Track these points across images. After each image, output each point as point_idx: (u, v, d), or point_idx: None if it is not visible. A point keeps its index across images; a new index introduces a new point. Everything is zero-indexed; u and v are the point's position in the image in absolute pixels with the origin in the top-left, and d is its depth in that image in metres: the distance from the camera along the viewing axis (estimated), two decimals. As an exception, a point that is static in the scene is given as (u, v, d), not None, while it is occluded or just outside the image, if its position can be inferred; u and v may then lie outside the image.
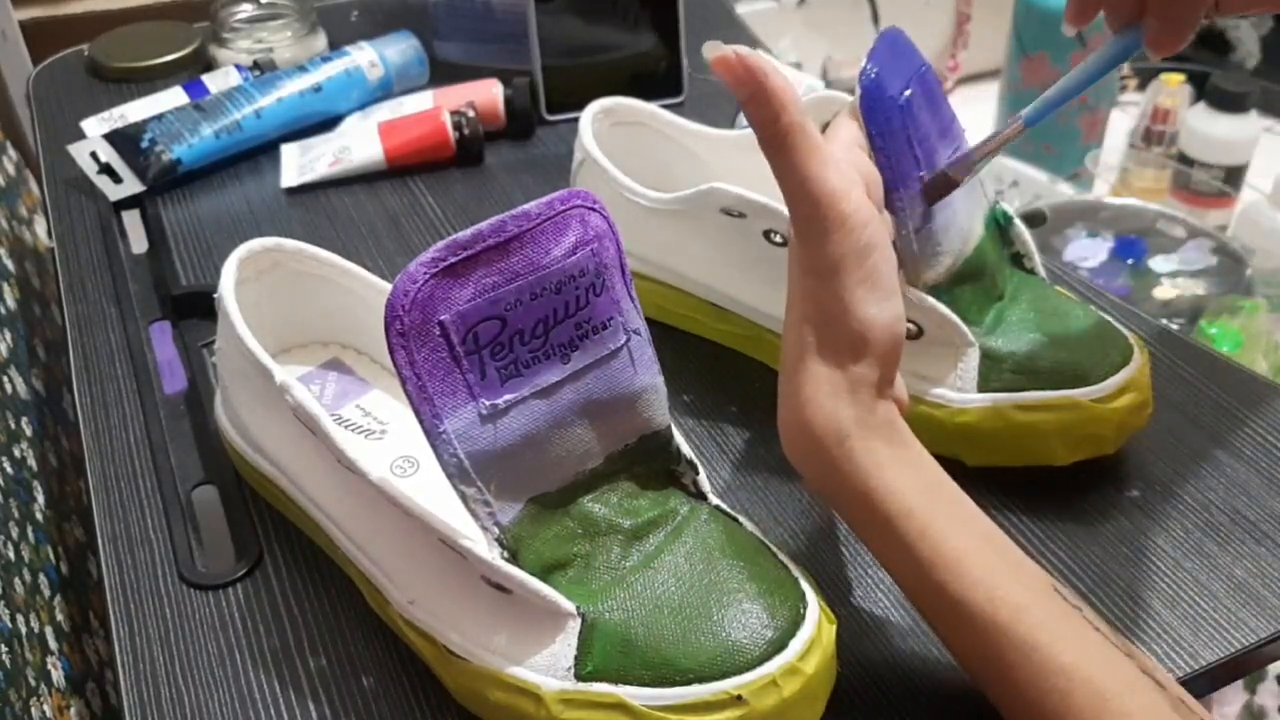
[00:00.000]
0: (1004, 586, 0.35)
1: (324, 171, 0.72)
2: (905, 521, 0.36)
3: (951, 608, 0.36)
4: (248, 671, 0.42)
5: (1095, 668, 0.34)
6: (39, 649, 0.52)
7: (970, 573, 0.35)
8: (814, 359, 0.37)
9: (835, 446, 0.37)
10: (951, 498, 0.38)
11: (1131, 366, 0.47)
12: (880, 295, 0.37)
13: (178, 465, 0.51)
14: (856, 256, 0.36)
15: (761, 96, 0.35)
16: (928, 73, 0.45)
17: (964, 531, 0.37)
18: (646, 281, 0.57)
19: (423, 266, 0.34)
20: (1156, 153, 1.28)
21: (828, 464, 0.37)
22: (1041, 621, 0.35)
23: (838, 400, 0.37)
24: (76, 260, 0.66)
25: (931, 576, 0.36)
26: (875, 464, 0.37)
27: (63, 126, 0.78)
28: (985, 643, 0.35)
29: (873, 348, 0.37)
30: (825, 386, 0.37)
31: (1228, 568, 0.45)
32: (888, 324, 0.37)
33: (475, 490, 0.36)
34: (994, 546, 0.37)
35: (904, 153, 0.43)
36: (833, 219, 0.36)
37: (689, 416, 0.53)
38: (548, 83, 0.77)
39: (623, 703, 0.35)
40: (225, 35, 0.83)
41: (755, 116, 0.36)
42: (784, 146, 0.36)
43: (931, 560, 0.36)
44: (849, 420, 0.37)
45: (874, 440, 0.37)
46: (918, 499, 0.36)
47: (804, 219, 0.36)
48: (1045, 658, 0.34)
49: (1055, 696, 0.34)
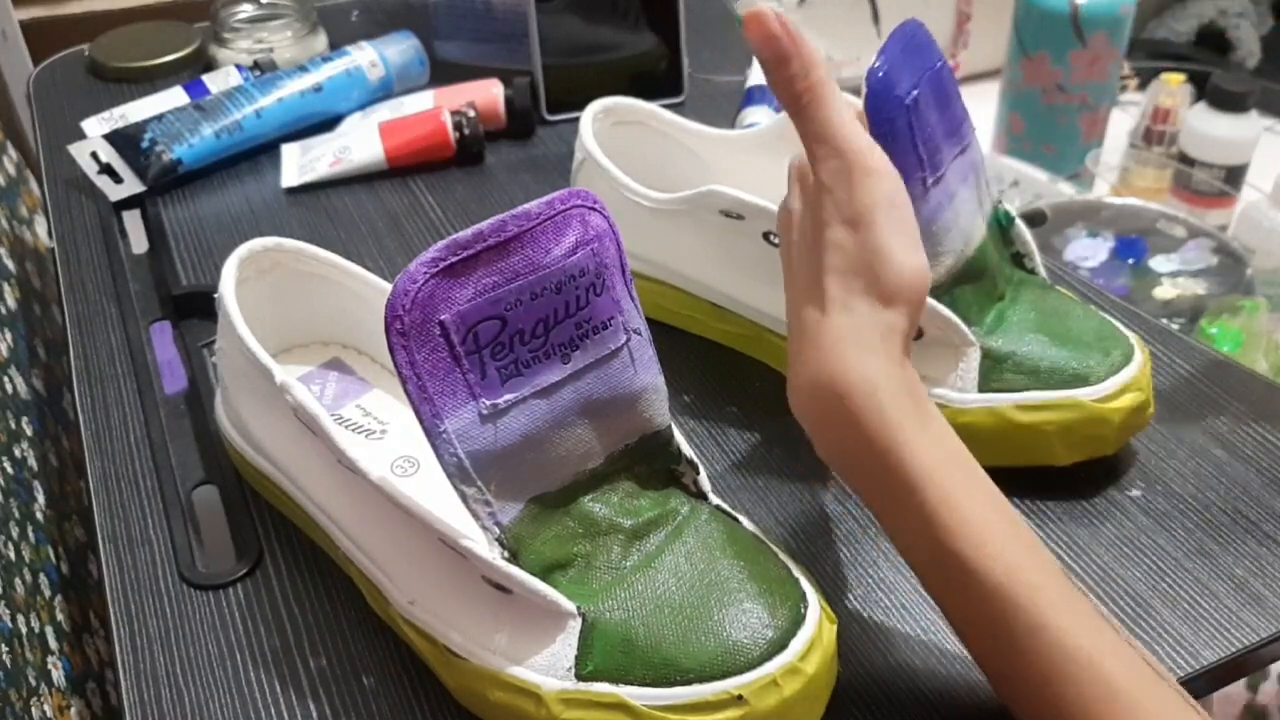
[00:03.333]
0: (1022, 563, 0.35)
1: (324, 171, 0.72)
2: (927, 485, 0.35)
3: (965, 578, 0.35)
4: (248, 671, 0.42)
5: (1107, 656, 0.33)
6: (39, 649, 0.52)
7: (990, 544, 0.35)
8: (841, 310, 0.37)
9: (865, 398, 0.36)
10: (971, 466, 0.37)
11: (1132, 366, 0.47)
12: (910, 242, 0.37)
13: (178, 465, 0.51)
14: (888, 203, 0.37)
15: (793, 54, 0.37)
16: (943, 70, 0.44)
17: (987, 504, 0.36)
18: (647, 281, 0.57)
19: (423, 266, 0.34)
20: (1157, 152, 1.28)
21: (852, 419, 0.36)
22: (1056, 603, 0.34)
23: (869, 350, 0.36)
24: (77, 260, 0.66)
25: (949, 545, 0.35)
26: (902, 420, 0.36)
27: (63, 126, 0.78)
28: (997, 617, 0.34)
29: (904, 293, 0.37)
30: (853, 336, 0.36)
31: (1229, 567, 0.45)
32: (918, 270, 0.37)
33: (475, 490, 0.36)
34: (1013, 522, 0.36)
35: (906, 152, 0.43)
36: (860, 167, 0.37)
37: (689, 416, 0.53)
38: (548, 83, 0.77)
39: (623, 702, 0.35)
40: (225, 35, 0.83)
41: (783, 74, 0.37)
42: (815, 99, 0.37)
43: (950, 527, 0.35)
44: (879, 371, 0.36)
45: (904, 395, 0.36)
46: (941, 462, 0.36)
47: (833, 170, 0.37)
48: (1058, 639, 0.34)
49: (1065, 680, 0.33)
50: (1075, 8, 1.22)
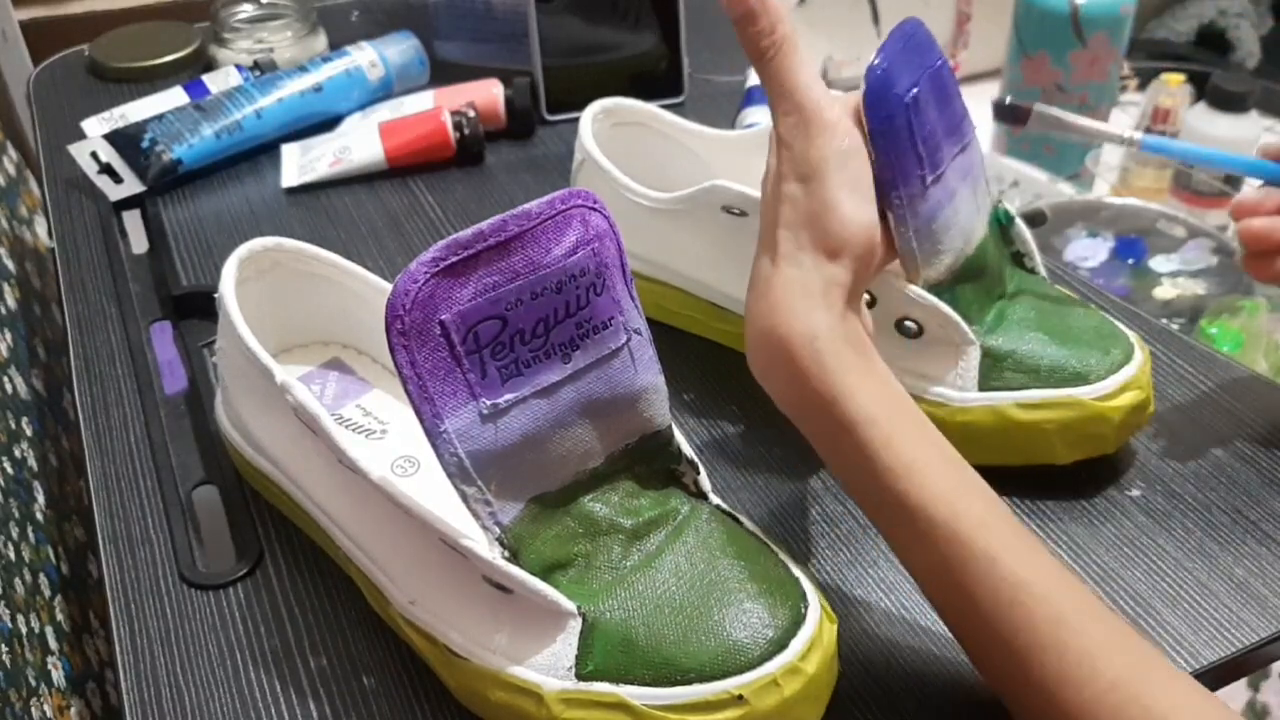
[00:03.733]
0: (966, 500, 0.36)
1: (324, 171, 0.72)
2: (869, 429, 0.36)
3: (911, 518, 0.36)
4: (248, 671, 0.42)
5: (1053, 586, 0.34)
6: (39, 649, 0.52)
7: (934, 484, 0.36)
8: (788, 263, 0.38)
9: (804, 347, 0.37)
10: (915, 412, 0.38)
11: (1132, 365, 0.47)
12: (860, 198, 0.38)
13: (178, 465, 0.51)
14: (839, 159, 0.38)
15: (760, 9, 0.38)
16: (942, 68, 0.44)
17: (928, 444, 0.37)
18: (647, 281, 0.57)
19: (423, 266, 0.34)
20: (1157, 153, 1.28)
21: (795, 369, 0.37)
22: (1001, 535, 0.35)
23: (810, 302, 0.37)
24: (77, 260, 0.66)
25: (894, 485, 0.36)
26: (842, 368, 0.37)
27: (63, 126, 0.78)
28: (945, 555, 0.35)
29: (850, 247, 0.38)
30: (797, 288, 0.38)
31: (1229, 567, 0.45)
32: (865, 225, 0.38)
33: (476, 490, 0.36)
34: (956, 463, 0.37)
35: (906, 151, 0.42)
36: (818, 124, 0.38)
37: (689, 416, 0.53)
38: (548, 83, 0.77)
39: (624, 702, 0.35)
40: (225, 35, 0.83)
41: (751, 30, 0.38)
42: (779, 54, 0.38)
43: (893, 468, 0.36)
44: (820, 323, 0.37)
45: (843, 345, 0.37)
46: (883, 407, 0.37)
47: (791, 125, 0.39)
48: (1005, 571, 0.34)
49: (1014, 610, 0.34)
50: (1075, 8, 1.22)
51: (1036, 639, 0.33)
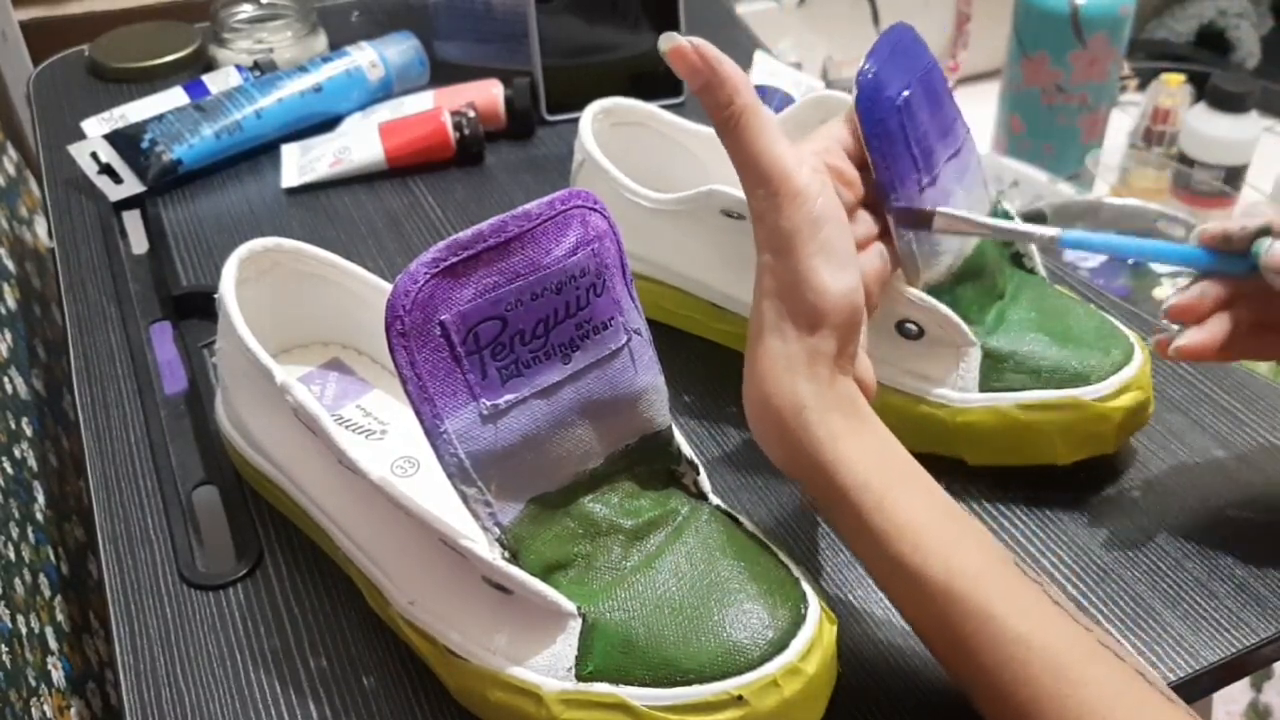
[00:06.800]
0: (960, 556, 0.35)
1: (324, 171, 0.72)
2: (862, 494, 0.36)
3: (909, 579, 0.36)
4: (248, 671, 0.42)
5: (1053, 636, 0.34)
6: (39, 649, 0.52)
7: (927, 543, 0.36)
8: (772, 334, 0.38)
9: (792, 419, 0.37)
10: (908, 470, 0.38)
11: (1132, 366, 0.47)
12: (835, 265, 0.37)
13: (178, 465, 0.51)
14: (810, 228, 0.37)
15: (715, 83, 0.37)
16: (933, 71, 0.45)
17: (921, 503, 0.37)
18: (647, 281, 0.57)
19: (423, 266, 0.34)
20: (1157, 153, 1.29)
21: (787, 438, 0.38)
22: (999, 590, 0.35)
23: (795, 374, 0.37)
24: (77, 260, 0.66)
25: (889, 548, 0.36)
26: (831, 436, 0.37)
27: (63, 127, 0.78)
28: (943, 612, 0.35)
29: (829, 318, 0.37)
30: (782, 361, 0.38)
31: (1229, 568, 0.45)
32: (843, 293, 0.37)
33: (476, 490, 0.36)
34: (952, 518, 0.37)
35: (901, 154, 0.43)
36: (785, 193, 0.37)
37: (689, 416, 0.53)
38: (548, 83, 0.77)
39: (623, 703, 0.35)
40: (225, 35, 0.83)
41: (710, 102, 0.37)
42: (738, 127, 0.37)
43: (888, 531, 0.36)
44: (806, 393, 0.37)
45: (830, 413, 0.37)
46: (874, 471, 0.37)
47: (759, 196, 0.38)
48: (1002, 626, 0.34)
49: (1013, 665, 0.34)
50: (1075, 8, 1.22)
51: (1037, 692, 0.33)
